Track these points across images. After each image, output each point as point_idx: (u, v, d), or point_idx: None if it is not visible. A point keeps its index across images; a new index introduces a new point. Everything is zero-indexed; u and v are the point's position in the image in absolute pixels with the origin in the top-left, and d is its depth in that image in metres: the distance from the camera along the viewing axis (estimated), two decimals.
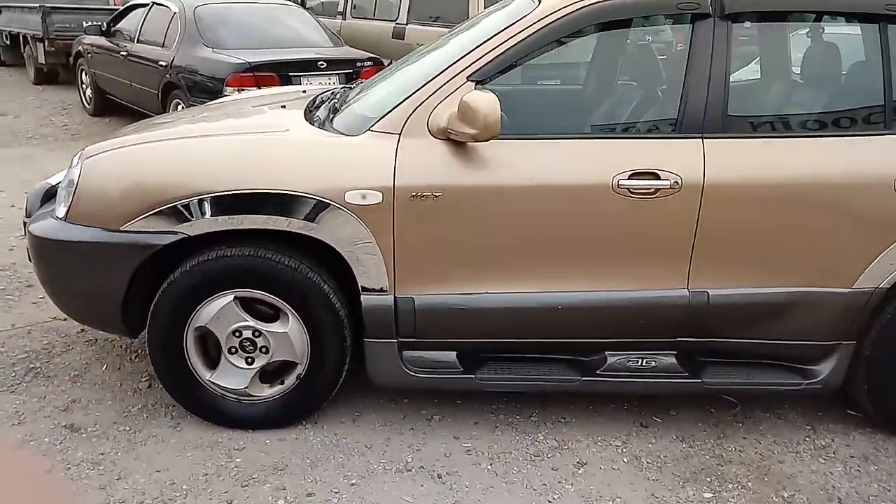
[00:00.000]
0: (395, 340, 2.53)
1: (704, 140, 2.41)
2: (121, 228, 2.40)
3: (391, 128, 2.41)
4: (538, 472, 2.47)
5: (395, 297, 2.46)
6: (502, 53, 2.42)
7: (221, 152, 2.49)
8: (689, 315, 2.52)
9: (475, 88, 2.38)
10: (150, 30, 6.86)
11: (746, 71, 2.96)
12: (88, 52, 8.07)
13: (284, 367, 2.60)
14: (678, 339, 2.58)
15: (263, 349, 2.54)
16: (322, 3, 8.66)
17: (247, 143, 2.53)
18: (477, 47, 2.46)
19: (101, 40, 7.70)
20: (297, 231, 2.37)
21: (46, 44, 9.36)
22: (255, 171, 2.37)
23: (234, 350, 2.54)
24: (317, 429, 2.65)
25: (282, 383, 2.60)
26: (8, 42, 10.99)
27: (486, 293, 2.47)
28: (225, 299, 2.46)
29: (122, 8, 7.69)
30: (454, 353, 2.59)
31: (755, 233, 2.45)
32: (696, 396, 2.89)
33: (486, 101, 2.21)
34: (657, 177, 2.38)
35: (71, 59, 8.79)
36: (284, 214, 2.35)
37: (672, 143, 2.43)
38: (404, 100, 2.45)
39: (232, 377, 2.57)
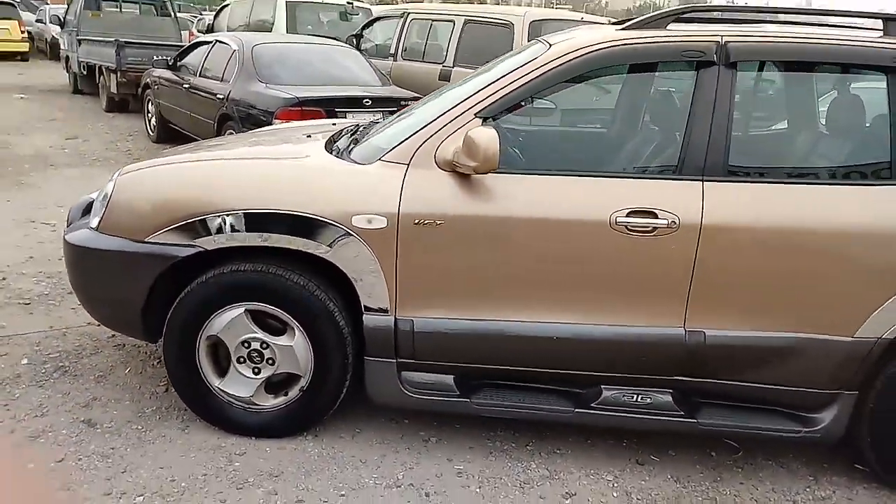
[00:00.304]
0: (395, 360, 2.63)
1: (705, 183, 2.47)
2: (145, 240, 2.59)
3: (400, 158, 2.55)
4: (525, 499, 2.50)
5: (395, 318, 2.57)
6: (509, 93, 2.55)
7: (240, 174, 2.67)
8: (686, 354, 2.54)
9: (481, 125, 2.50)
10: (212, 65, 7.26)
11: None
12: (155, 84, 8.58)
13: (289, 380, 2.72)
14: (674, 377, 2.60)
15: (270, 360, 2.67)
16: (376, 45, 9.01)
17: (265, 167, 2.71)
18: (486, 87, 2.60)
19: (168, 73, 8.18)
20: (305, 250, 2.51)
21: (119, 75, 9.98)
22: (270, 192, 2.54)
23: (242, 360, 2.67)
24: (316, 441, 2.75)
25: (286, 395, 2.72)
26: (85, 72, 11.73)
27: (483, 319, 2.56)
28: (236, 311, 2.61)
29: (188, 44, 8.18)
30: (451, 377, 2.66)
31: (754, 276, 2.47)
32: (696, 438, 2.88)
33: (486, 136, 2.33)
34: (655, 216, 2.44)
35: (140, 89, 9.35)
36: (294, 234, 2.50)
37: (671, 184, 2.49)
38: (415, 133, 2.59)
39: (239, 385, 2.70)
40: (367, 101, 6.32)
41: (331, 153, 2.80)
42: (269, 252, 2.59)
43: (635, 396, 2.63)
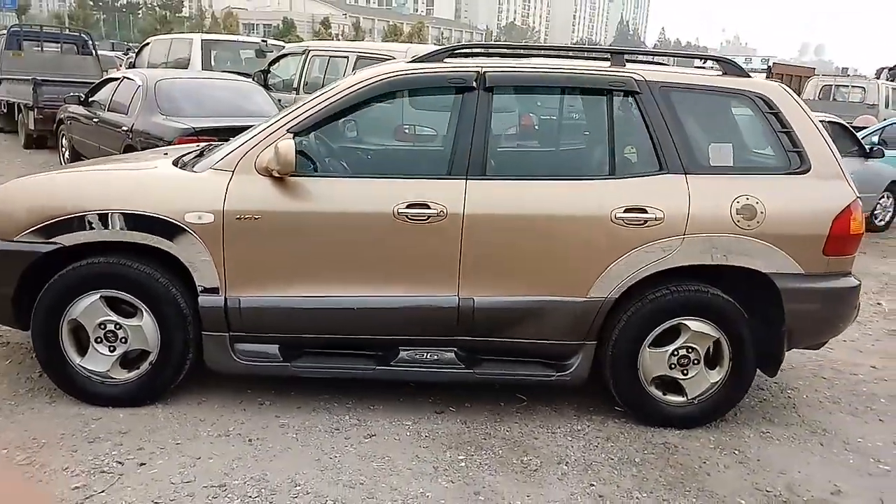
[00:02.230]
0: (227, 334, 3.19)
1: (468, 181, 3.14)
2: (14, 238, 3.12)
3: (227, 166, 3.15)
4: (332, 440, 3.09)
5: (225, 298, 3.14)
6: (315, 112, 3.20)
7: (95, 181, 3.25)
8: (461, 318, 3.18)
9: (293, 139, 3.12)
10: (119, 99, 7.74)
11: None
12: (69, 119, 8.99)
13: (143, 356, 3.25)
14: (455, 337, 3.24)
15: (123, 339, 3.20)
16: (282, 80, 9.65)
17: (116, 175, 3.28)
18: (299, 108, 3.24)
19: (80, 109, 8.62)
20: (147, 243, 3.08)
21: (36, 112, 10.34)
22: (117, 195, 3.11)
23: (99, 339, 3.20)
24: (165, 407, 3.28)
25: (138, 369, 3.25)
26: (5, 110, 12.02)
27: (298, 297, 3.16)
28: (93, 297, 3.15)
29: (98, 81, 8.65)
30: (276, 346, 3.24)
31: (508, 253, 3.15)
32: (493, 393, 3.51)
33: (285, 146, 2.96)
34: (428, 207, 3.09)
35: (55, 125, 9.73)
36: (137, 230, 3.07)
37: (442, 182, 3.16)
38: (241, 145, 3.21)
39: (98, 362, 3.22)
40: None
41: (176, 166, 3.38)
42: (121, 246, 3.14)
43: (425, 355, 3.26)
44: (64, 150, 9.31)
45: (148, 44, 13.17)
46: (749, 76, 3.39)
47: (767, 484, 2.97)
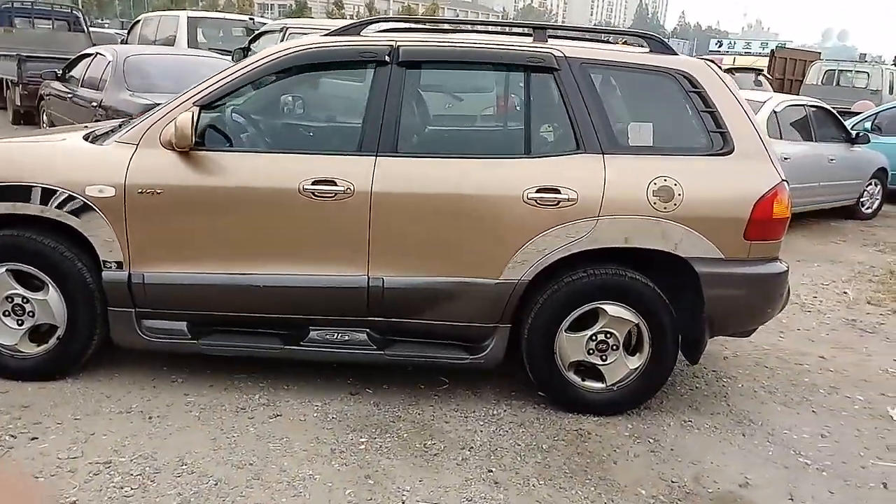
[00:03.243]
0: (133, 310, 3.15)
1: (378, 158, 3.05)
2: None
3: (131, 139, 3.09)
4: (235, 419, 3.04)
5: (129, 273, 3.09)
6: (224, 85, 3.12)
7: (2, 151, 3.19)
8: (371, 298, 3.11)
9: (197, 112, 3.05)
10: (91, 75, 7.71)
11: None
12: (48, 95, 8.98)
13: (52, 330, 3.21)
14: (366, 318, 3.17)
15: (31, 313, 3.16)
16: None
17: (20, 148, 3.22)
18: (208, 80, 3.16)
19: (58, 84, 8.60)
20: (49, 216, 3.03)
21: (21, 87, 10.34)
22: (16, 167, 3.06)
23: (7, 313, 3.16)
24: (75, 382, 3.24)
25: (47, 343, 3.21)
26: None
27: (202, 273, 3.10)
28: None
29: (75, 57, 8.61)
30: (185, 324, 3.19)
31: (418, 231, 3.06)
32: (416, 376, 3.45)
33: (182, 119, 2.89)
34: (335, 184, 3.02)
35: (38, 101, 9.73)
36: (39, 203, 3.02)
37: (351, 158, 3.08)
38: (147, 118, 3.14)
39: (6, 335, 3.18)
40: None
41: (86, 139, 3.32)
42: (28, 218, 3.09)
43: (336, 335, 3.20)
44: (45, 125, 9.30)
45: (139, 21, 13.13)
46: (676, 54, 3.26)
47: (675, 474, 2.89)
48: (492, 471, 2.81)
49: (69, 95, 8.04)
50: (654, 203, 3.02)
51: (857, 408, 3.63)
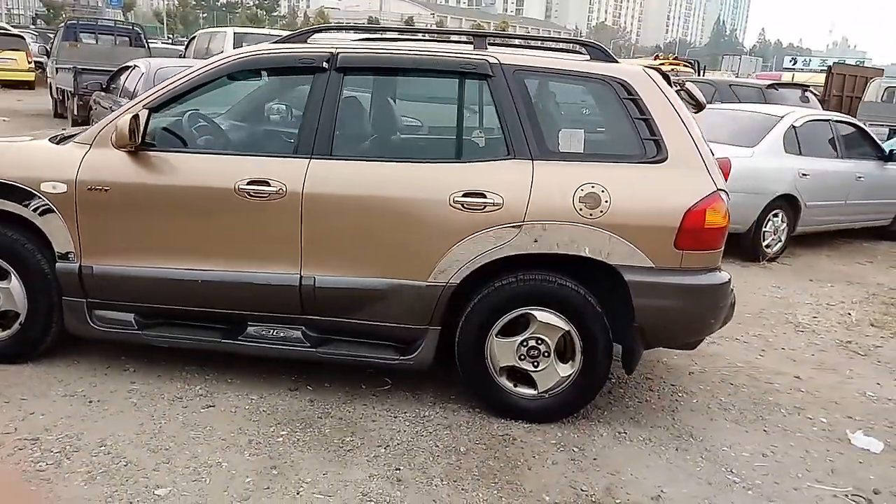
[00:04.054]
0: (84, 300, 3.33)
1: (312, 160, 3.15)
2: None
3: (86, 140, 3.29)
4: (168, 407, 3.17)
5: (80, 265, 3.28)
6: (173, 89, 3.29)
7: None
8: (303, 296, 3.20)
9: (149, 114, 3.23)
10: (128, 86, 8.17)
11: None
12: (96, 104, 9.54)
13: (16, 317, 3.43)
14: (302, 315, 3.26)
15: None
16: None
17: None
18: (160, 85, 3.34)
19: (103, 95, 9.13)
20: (6, 209, 3.25)
21: (77, 98, 11.01)
22: None
23: None
24: (36, 366, 3.45)
25: (10, 328, 3.43)
26: (61, 98, 12.85)
27: (146, 267, 3.26)
28: None
29: (118, 69, 9.13)
30: (132, 315, 3.36)
31: (348, 232, 3.14)
32: (357, 375, 3.51)
33: (122, 121, 3.07)
34: (268, 184, 3.13)
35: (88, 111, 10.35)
36: (1, 197, 3.25)
37: (285, 160, 3.19)
38: (104, 120, 3.34)
39: None
40: None
41: (52, 140, 3.55)
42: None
43: (272, 331, 3.30)
44: None
45: (195, 37, 13.79)
46: (617, 62, 3.24)
47: (588, 483, 2.85)
48: (399, 469, 2.84)
49: (110, 105, 8.52)
50: (580, 210, 3.00)
51: (815, 429, 3.47)
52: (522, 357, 3.19)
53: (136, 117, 3.12)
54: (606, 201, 2.99)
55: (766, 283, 6.01)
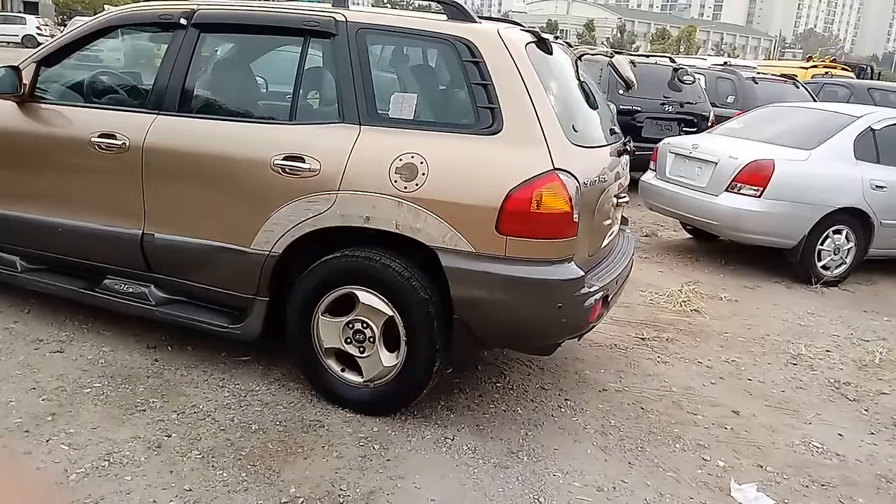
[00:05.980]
0: None
1: (159, 116, 3.13)
2: None
3: None
4: (22, 346, 3.30)
5: None
6: (59, 44, 3.42)
7: None
8: (145, 253, 3.19)
9: (38, 67, 3.39)
10: None
11: None
12: None
13: None
14: (150, 273, 3.25)
15: None
16: None
17: None
18: (51, 40, 3.49)
19: None
20: None
21: None
22: None
23: None
24: None
25: None
26: None
27: (21, 213, 3.41)
28: None
29: None
30: (17, 258, 3.53)
31: (182, 192, 3.08)
32: (221, 344, 3.43)
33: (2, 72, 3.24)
34: (115, 138, 3.15)
35: None
36: None
37: (132, 114, 3.19)
38: None
39: None
40: None
41: None
42: None
43: (124, 286, 3.32)
44: None
45: None
46: (474, 21, 2.86)
47: (354, 484, 2.54)
48: (169, 436, 2.73)
49: None
50: (395, 181, 2.70)
51: (698, 473, 2.87)
52: (349, 340, 2.94)
53: (16, 68, 3.28)
54: (423, 174, 2.67)
55: (801, 308, 5.10)
